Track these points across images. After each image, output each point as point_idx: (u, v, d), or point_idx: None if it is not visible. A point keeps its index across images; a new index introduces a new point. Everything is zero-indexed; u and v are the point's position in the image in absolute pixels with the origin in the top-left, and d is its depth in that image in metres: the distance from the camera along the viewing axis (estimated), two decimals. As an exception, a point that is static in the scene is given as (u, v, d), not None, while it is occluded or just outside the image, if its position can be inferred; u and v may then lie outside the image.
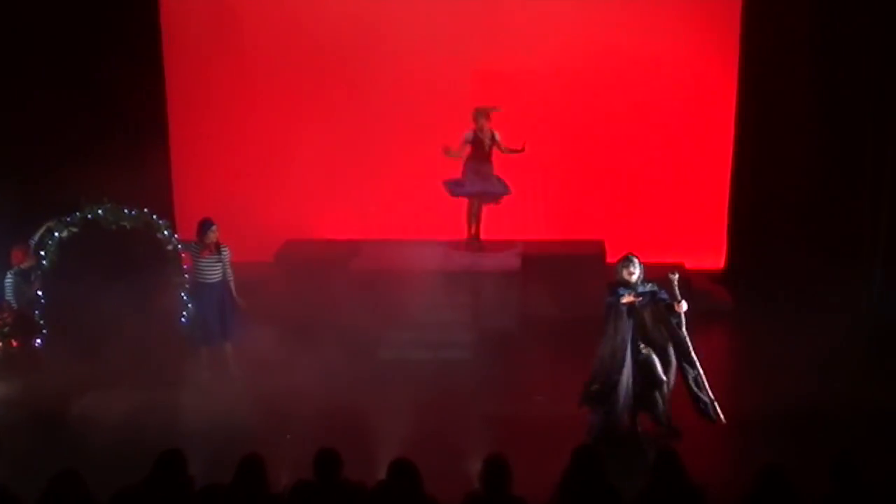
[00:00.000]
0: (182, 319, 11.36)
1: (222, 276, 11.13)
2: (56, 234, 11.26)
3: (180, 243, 11.36)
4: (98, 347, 11.11)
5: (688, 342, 9.27)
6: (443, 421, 9.82)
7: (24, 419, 10.14)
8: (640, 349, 9.32)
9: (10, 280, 11.35)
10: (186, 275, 11.37)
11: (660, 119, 14.23)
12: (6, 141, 13.28)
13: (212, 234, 11.00)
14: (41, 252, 11.24)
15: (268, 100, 14.36)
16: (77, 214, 11.33)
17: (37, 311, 11.34)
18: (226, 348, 11.30)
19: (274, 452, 7.59)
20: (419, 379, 10.79)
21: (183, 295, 11.37)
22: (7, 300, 11.31)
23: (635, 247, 9.66)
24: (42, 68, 13.49)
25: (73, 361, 10.87)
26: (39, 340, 11.33)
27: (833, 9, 13.12)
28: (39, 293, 11.31)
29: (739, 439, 9.49)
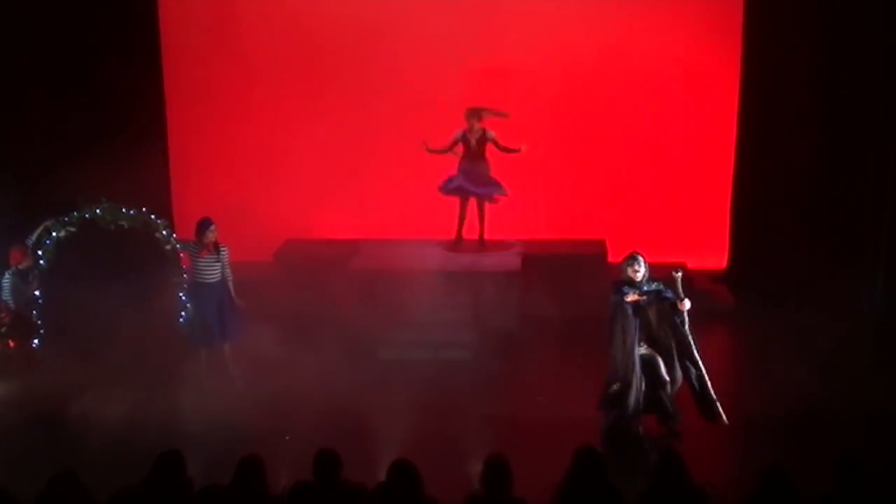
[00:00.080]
0: (181, 319, 11.34)
1: (221, 276, 11.09)
2: (54, 234, 11.26)
3: (179, 243, 11.37)
4: (96, 348, 11.09)
5: (691, 341, 9.22)
6: (443, 421, 9.78)
7: (22, 420, 10.10)
8: (643, 349, 9.28)
9: (8, 280, 11.33)
10: (185, 275, 11.39)
11: (662, 118, 14.21)
12: (4, 141, 13.25)
13: (210, 234, 10.96)
14: (39, 252, 11.21)
15: (266, 99, 14.35)
16: (75, 214, 11.35)
17: (34, 312, 11.32)
18: (225, 348, 11.27)
19: (273, 453, 7.58)
20: (419, 379, 10.75)
21: (181, 295, 11.39)
22: (5, 300, 11.29)
23: (637, 247, 9.61)
24: (41, 68, 13.48)
25: (71, 362, 10.83)
26: (37, 341, 11.32)
27: (835, 8, 13.11)
28: (37, 293, 11.28)
29: (741, 440, 9.46)
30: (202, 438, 9.27)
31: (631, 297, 9.12)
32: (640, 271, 9.25)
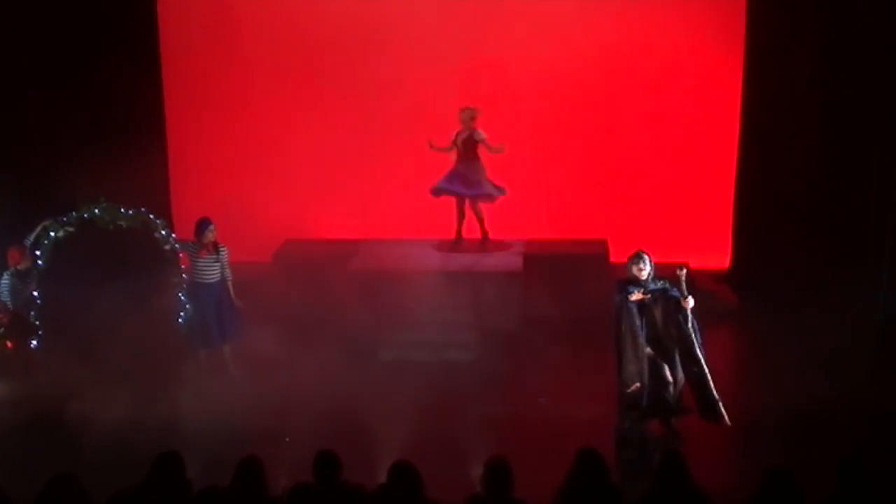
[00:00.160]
0: (180, 320, 11.31)
1: (220, 277, 11.10)
2: (52, 234, 11.22)
3: (178, 243, 11.35)
4: (95, 348, 11.04)
5: (694, 340, 9.15)
6: (444, 423, 9.76)
7: (20, 421, 10.08)
8: (647, 349, 9.22)
9: (7, 281, 11.30)
10: (184, 275, 11.36)
11: (664, 117, 14.18)
12: (2, 140, 13.24)
13: (209, 234, 10.95)
14: (37, 252, 11.17)
15: (266, 99, 14.33)
16: (73, 214, 11.32)
17: (32, 312, 11.27)
18: (224, 349, 11.26)
19: (273, 454, 7.59)
20: (420, 380, 10.72)
21: (181, 295, 11.36)
22: (3, 301, 11.25)
23: (639, 246, 9.55)
24: (39, 68, 13.49)
25: (70, 362, 10.79)
26: (35, 341, 11.27)
27: (838, 7, 13.08)
28: (35, 294, 11.23)
29: (745, 441, 9.42)
30: (201, 439, 9.23)
31: (635, 296, 9.06)
32: (646, 270, 9.19)
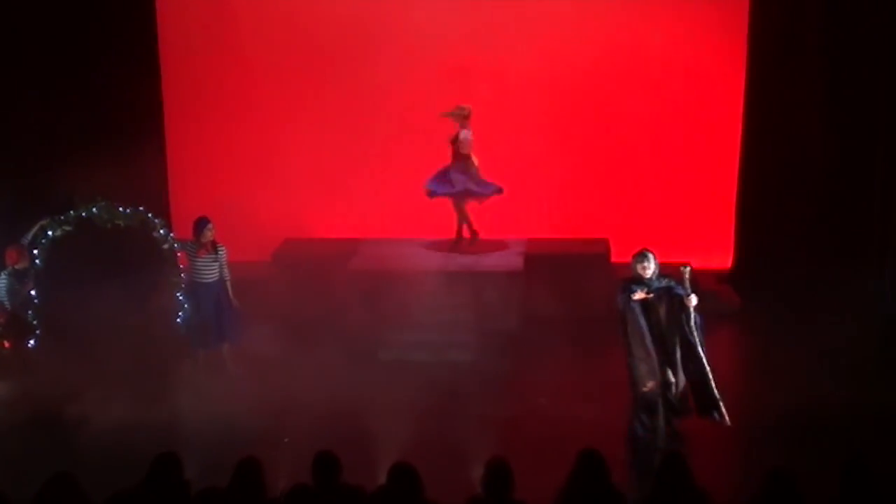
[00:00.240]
0: (178, 320, 11.28)
1: (219, 276, 11.10)
2: (50, 233, 11.18)
3: (176, 242, 11.33)
4: (93, 348, 11.04)
5: (696, 339, 9.08)
6: (444, 423, 9.74)
7: (18, 421, 10.02)
8: None
9: (4, 280, 11.27)
10: (183, 274, 11.35)
11: (666, 117, 14.17)
12: (1, 139, 13.23)
13: (208, 233, 10.94)
14: (34, 251, 11.13)
15: (265, 98, 14.31)
16: (71, 213, 11.29)
17: (30, 312, 11.23)
18: (223, 349, 11.24)
19: (272, 455, 7.57)
20: (420, 380, 10.67)
21: (179, 295, 11.33)
22: (0, 301, 11.18)
23: (640, 246, 9.50)
24: (38, 67, 13.49)
25: (68, 362, 10.77)
26: (33, 341, 11.22)
27: (841, 6, 13.09)
28: (33, 293, 11.18)
29: (747, 442, 9.40)
30: (200, 440, 9.19)
31: (638, 296, 9.01)
32: (650, 269, 9.14)
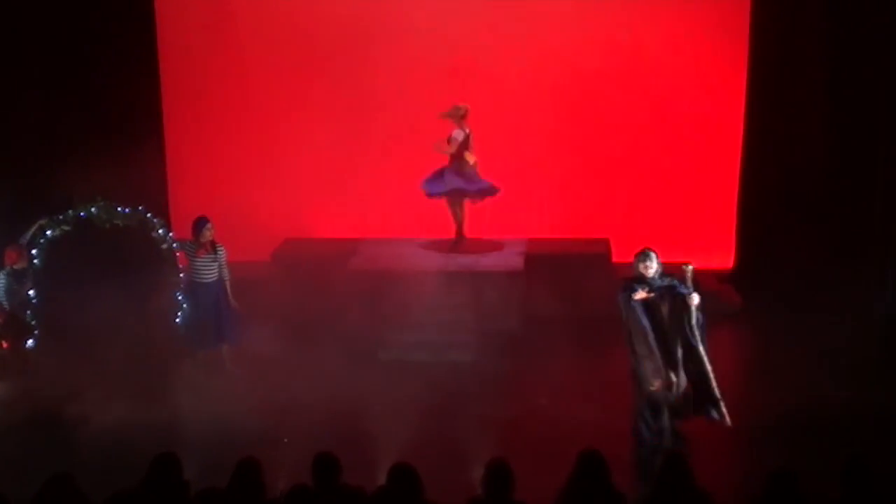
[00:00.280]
0: (177, 320, 11.25)
1: (218, 276, 11.09)
2: (48, 233, 11.15)
3: (175, 242, 11.31)
4: (91, 348, 10.96)
5: (697, 337, 9.03)
6: (444, 424, 9.71)
7: (16, 421, 10.01)
8: None
9: (3, 281, 11.28)
10: (182, 274, 11.35)
11: (667, 115, 14.15)
12: (0, 139, 13.20)
13: (207, 233, 10.93)
14: (33, 251, 11.10)
15: (264, 97, 14.31)
16: (70, 213, 11.27)
17: (28, 312, 11.19)
18: (222, 349, 11.23)
19: (271, 456, 7.60)
20: (420, 381, 10.65)
21: (178, 295, 11.30)
22: (-1, 301, 11.19)
23: (642, 246, 9.44)
24: (37, 67, 13.51)
25: (66, 363, 10.74)
26: (31, 342, 11.19)
27: (843, 6, 13.09)
28: (31, 293, 11.15)
29: (748, 442, 9.35)
30: (199, 441, 9.16)
31: (639, 295, 8.96)
32: (652, 267, 9.08)
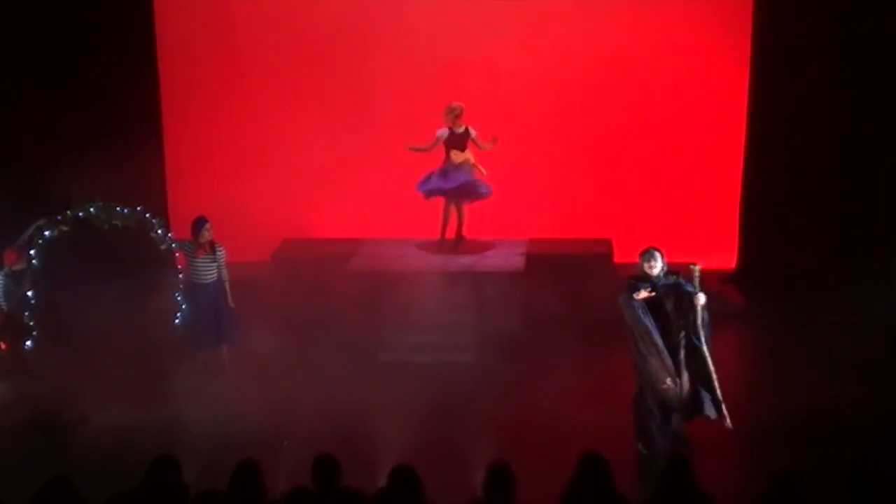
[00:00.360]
0: (176, 321, 11.22)
1: (218, 277, 11.07)
2: (46, 234, 11.11)
3: (174, 242, 11.28)
4: (90, 350, 10.98)
5: (702, 337, 8.99)
6: (444, 426, 9.67)
7: (15, 423, 9.97)
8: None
9: (1, 282, 11.24)
10: (181, 275, 11.31)
11: (670, 115, 14.12)
12: (-2, 139, 13.23)
13: (206, 233, 10.91)
14: (31, 252, 11.06)
15: (263, 97, 14.26)
16: (68, 213, 11.23)
17: (27, 313, 11.15)
18: (222, 350, 11.20)
19: (271, 458, 7.52)
20: (420, 382, 10.63)
21: (177, 295, 11.27)
22: (-3, 302, 11.15)
23: (644, 246, 9.41)
24: (35, 66, 13.51)
25: (65, 364, 10.71)
26: (29, 343, 11.15)
27: (845, 5, 13.08)
28: (29, 294, 11.11)
29: (751, 444, 9.33)
30: (198, 442, 9.16)
31: (640, 295, 8.91)
32: (657, 267, 9.05)
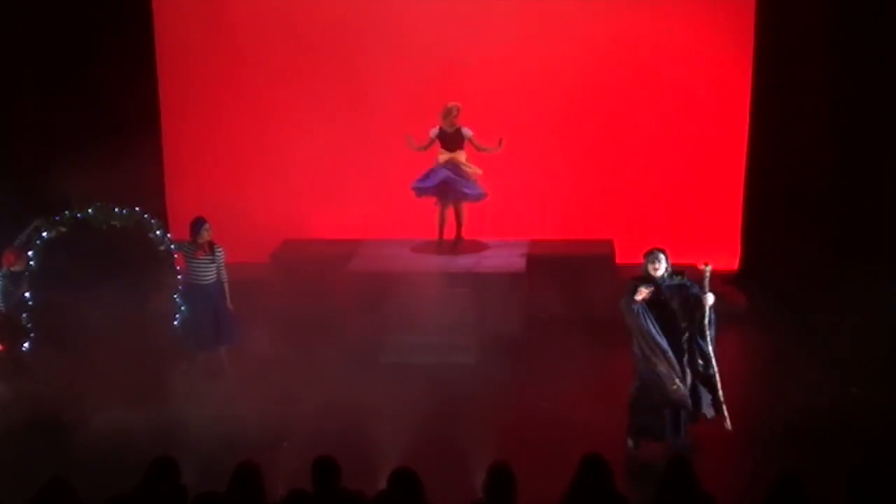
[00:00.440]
0: (175, 322, 11.18)
1: (217, 278, 11.05)
2: (44, 234, 11.07)
3: (173, 243, 11.27)
4: (88, 351, 10.97)
5: (708, 337, 8.96)
6: (445, 427, 9.66)
7: (12, 425, 9.93)
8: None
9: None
10: (180, 276, 11.29)
11: (671, 116, 14.10)
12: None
13: (205, 233, 10.89)
14: (28, 252, 11.02)
15: (262, 97, 14.26)
16: (66, 214, 11.20)
17: (24, 315, 11.10)
18: (221, 351, 11.18)
19: (270, 460, 7.59)
20: (420, 384, 10.59)
21: (176, 297, 11.25)
22: (-5, 303, 11.09)
23: (646, 247, 9.40)
24: (34, 66, 13.53)
25: (63, 366, 10.70)
26: (27, 344, 11.10)
27: (848, 4, 13.06)
28: (27, 295, 11.06)
29: (753, 446, 9.33)
30: (197, 445, 9.12)
31: (640, 295, 8.87)
32: (661, 268, 9.02)
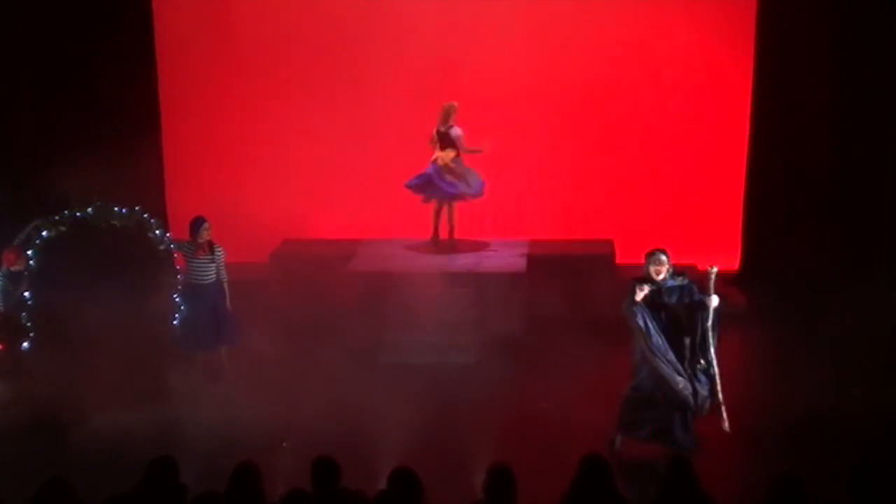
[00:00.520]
0: (174, 322, 11.17)
1: (216, 277, 11.04)
2: (44, 234, 11.06)
3: (173, 243, 11.26)
4: (88, 351, 10.88)
5: (710, 338, 8.94)
6: (445, 428, 9.66)
7: (12, 424, 9.97)
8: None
9: (-1, 282, 11.13)
10: (179, 276, 11.27)
11: (672, 116, 14.12)
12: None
13: (204, 233, 10.90)
14: (28, 252, 11.01)
15: (262, 97, 14.27)
16: (66, 213, 11.18)
17: (24, 314, 11.09)
18: (220, 352, 11.17)
19: (270, 460, 7.59)
20: (420, 384, 10.60)
21: (175, 296, 11.23)
22: (-6, 302, 11.08)
23: (646, 247, 9.40)
24: (34, 66, 13.55)
25: (62, 365, 10.64)
26: (26, 344, 11.09)
27: (849, 3, 13.05)
28: (27, 294, 11.05)
29: (754, 447, 9.32)
30: (196, 444, 9.15)
31: (640, 295, 8.86)
32: (663, 269, 8.99)
